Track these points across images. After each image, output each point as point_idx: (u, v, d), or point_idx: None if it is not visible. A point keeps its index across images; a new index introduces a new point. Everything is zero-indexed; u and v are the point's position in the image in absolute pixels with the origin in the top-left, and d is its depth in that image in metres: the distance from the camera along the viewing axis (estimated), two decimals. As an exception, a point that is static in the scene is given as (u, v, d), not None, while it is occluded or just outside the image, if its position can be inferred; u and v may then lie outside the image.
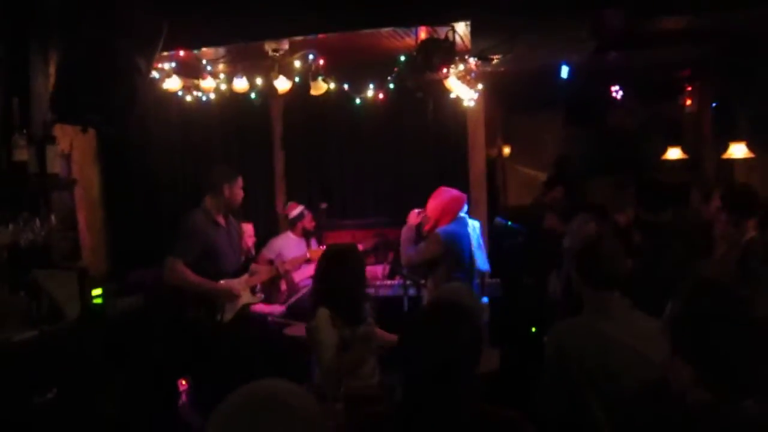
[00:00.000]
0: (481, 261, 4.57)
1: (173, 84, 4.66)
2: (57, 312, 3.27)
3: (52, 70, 3.65)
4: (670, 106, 7.35)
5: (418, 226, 4.65)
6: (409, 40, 4.43)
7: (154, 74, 4.44)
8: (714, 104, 6.61)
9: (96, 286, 3.51)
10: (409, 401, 1.78)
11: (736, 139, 5.63)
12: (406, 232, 4.60)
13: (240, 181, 4.44)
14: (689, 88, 6.87)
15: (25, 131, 3.18)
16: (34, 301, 3.25)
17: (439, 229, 4.46)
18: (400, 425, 1.78)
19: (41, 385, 3.01)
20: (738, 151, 5.61)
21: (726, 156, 5.80)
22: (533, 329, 5.21)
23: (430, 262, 4.42)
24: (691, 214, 5.08)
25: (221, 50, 4.54)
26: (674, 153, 7.00)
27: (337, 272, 3.23)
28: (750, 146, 5.56)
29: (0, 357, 2.91)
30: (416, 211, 4.70)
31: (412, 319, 1.96)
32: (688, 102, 6.93)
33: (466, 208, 4.77)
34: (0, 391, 2.82)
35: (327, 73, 4.67)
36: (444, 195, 4.62)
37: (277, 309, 5.10)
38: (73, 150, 4.24)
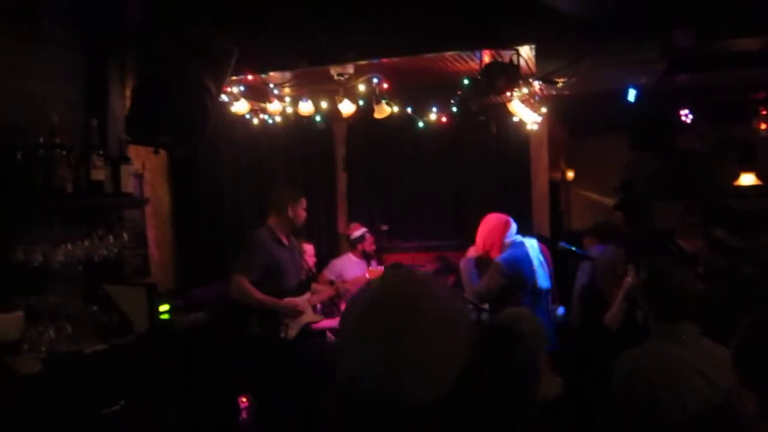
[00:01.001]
0: (542, 279, 4.45)
1: (241, 107, 4.79)
2: (126, 326, 3.36)
3: (128, 91, 3.81)
4: (742, 130, 7.10)
5: (477, 259, 4.58)
6: (473, 64, 4.44)
7: (223, 97, 4.57)
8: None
9: (164, 302, 3.60)
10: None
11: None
12: (465, 266, 4.50)
13: (303, 202, 4.52)
14: (764, 112, 6.63)
15: (101, 151, 3.31)
16: (105, 314, 3.35)
17: (499, 258, 4.34)
18: None
19: (110, 396, 3.09)
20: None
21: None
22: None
23: (499, 293, 4.30)
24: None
25: (288, 74, 4.64)
26: (748, 179, 6.75)
27: None
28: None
29: (72, 368, 3.00)
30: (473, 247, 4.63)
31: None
32: (763, 126, 6.67)
33: (515, 228, 4.65)
34: (71, 401, 2.91)
35: (391, 97, 4.72)
36: (490, 219, 4.54)
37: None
38: (145, 170, 4.39)
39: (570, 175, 8.14)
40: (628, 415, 2.45)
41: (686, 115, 6.37)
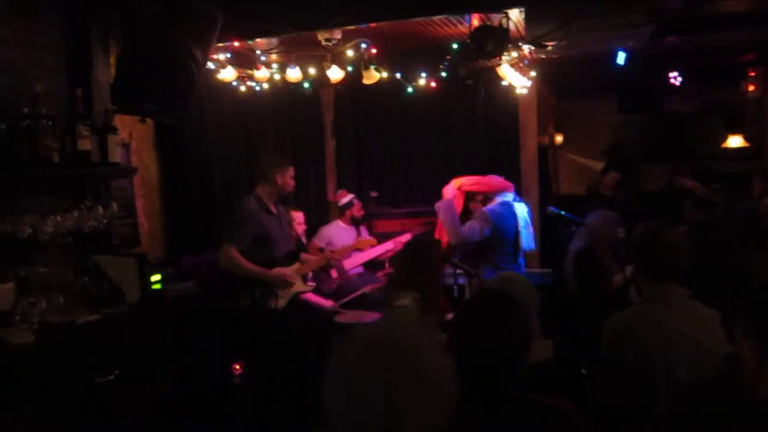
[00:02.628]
0: (527, 240, 4.60)
1: (228, 74, 4.73)
2: (118, 296, 3.37)
3: (112, 60, 3.75)
4: (730, 92, 7.10)
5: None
6: (462, 28, 4.39)
7: (210, 65, 4.51)
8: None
9: (154, 272, 3.60)
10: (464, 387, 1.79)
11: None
12: (447, 210, 4.62)
13: (291, 170, 4.50)
14: (752, 74, 6.62)
15: (87, 121, 3.27)
16: (96, 285, 3.36)
17: (486, 209, 4.54)
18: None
19: (103, 366, 3.11)
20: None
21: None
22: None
23: (479, 244, 4.45)
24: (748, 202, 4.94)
25: (274, 41, 4.58)
26: (735, 141, 6.77)
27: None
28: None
29: (65, 339, 3.01)
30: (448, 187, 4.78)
31: (461, 307, 1.96)
32: (751, 88, 6.67)
33: (512, 195, 4.78)
34: (65, 371, 2.93)
35: (379, 62, 4.67)
36: (490, 177, 4.72)
37: (330, 304, 5.16)
38: (132, 139, 4.34)
39: (558, 139, 8.12)
40: (617, 378, 2.48)
41: (675, 78, 6.36)
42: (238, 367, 4.61)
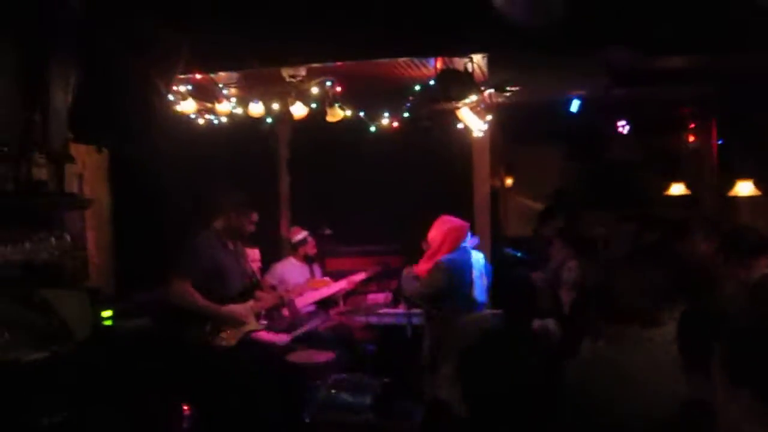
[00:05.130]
0: (479, 292, 4.56)
1: (188, 107, 4.65)
2: (67, 332, 3.22)
3: (71, 88, 3.64)
4: (672, 142, 7.42)
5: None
6: (426, 70, 4.46)
7: (170, 96, 4.43)
8: (720, 141, 6.68)
9: (106, 308, 3.46)
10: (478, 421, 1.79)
11: (742, 176, 5.68)
12: (406, 274, 4.61)
13: (252, 215, 4.43)
14: (692, 125, 6.95)
15: (44, 150, 3.15)
16: (44, 320, 3.19)
17: (442, 258, 4.48)
18: None
19: (50, 407, 2.94)
20: (745, 188, 5.65)
21: (732, 193, 5.84)
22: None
23: (436, 293, 4.41)
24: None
25: (236, 74, 4.54)
26: (677, 189, 7.05)
27: None
28: (757, 184, 5.62)
29: (10, 377, 2.84)
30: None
31: (477, 344, 1.95)
32: (691, 138, 7.00)
33: (469, 237, 4.76)
34: (9, 412, 2.76)
35: (343, 100, 4.68)
36: (446, 224, 4.65)
37: (282, 338, 5.06)
38: (85, 169, 4.20)
39: (508, 182, 8.30)
40: (575, 421, 2.50)
41: (623, 126, 6.61)
42: (186, 408, 4.45)
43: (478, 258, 4.62)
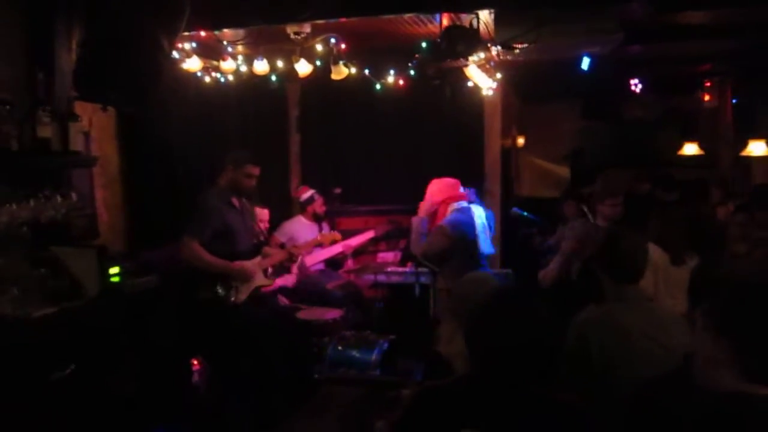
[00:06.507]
0: (485, 245, 4.58)
1: (193, 64, 4.64)
2: (76, 289, 3.27)
3: (75, 45, 3.63)
4: (687, 101, 7.29)
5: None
6: (432, 27, 4.39)
7: (175, 54, 4.41)
8: (734, 101, 6.55)
9: (114, 265, 3.51)
10: (478, 378, 1.81)
11: (756, 136, 5.58)
12: (417, 225, 4.60)
13: (247, 168, 4.42)
14: (708, 84, 6.81)
15: (48, 108, 3.17)
16: (53, 277, 3.25)
17: (445, 221, 4.47)
18: (460, 398, 1.82)
19: (59, 361, 3.01)
20: (757, 148, 5.57)
21: (744, 153, 5.75)
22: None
23: (442, 253, 4.43)
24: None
25: (242, 32, 4.50)
26: (691, 149, 6.96)
27: None
28: (770, 144, 5.53)
29: (20, 333, 2.91)
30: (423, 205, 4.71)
31: (486, 300, 1.96)
32: (707, 97, 6.86)
33: (463, 192, 4.75)
34: (19, 366, 2.83)
35: (349, 58, 4.64)
36: (440, 182, 4.67)
37: (290, 280, 5.16)
38: (92, 127, 4.22)
39: (520, 141, 8.22)
40: (580, 375, 2.53)
41: (636, 85, 6.49)
42: (196, 363, 4.54)
43: (479, 213, 4.64)
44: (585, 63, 4.90)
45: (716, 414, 1.53)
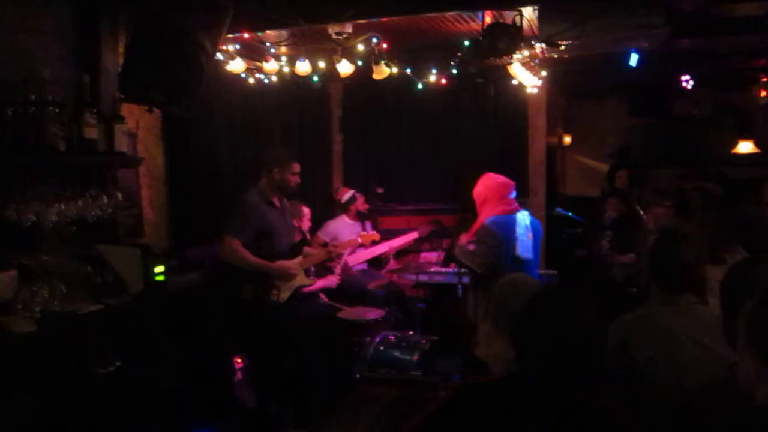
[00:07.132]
0: (522, 247, 4.43)
1: (237, 66, 4.69)
2: (121, 287, 3.34)
3: (121, 47, 3.71)
4: (741, 97, 7.05)
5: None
6: (474, 25, 4.34)
7: (219, 56, 4.47)
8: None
9: (158, 263, 3.56)
10: (523, 378, 1.79)
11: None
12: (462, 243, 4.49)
13: (293, 166, 4.45)
14: (764, 79, 6.57)
15: (94, 109, 3.24)
16: (99, 275, 3.32)
17: (487, 220, 4.32)
18: (501, 398, 1.80)
19: (105, 357, 3.08)
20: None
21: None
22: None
23: (482, 253, 4.31)
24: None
25: (284, 33, 4.53)
26: (746, 147, 6.72)
27: None
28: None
29: (68, 328, 2.98)
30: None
31: (534, 299, 1.93)
32: (763, 93, 6.62)
33: (514, 194, 4.60)
34: (66, 361, 2.90)
35: (390, 57, 4.62)
36: (490, 179, 4.47)
37: (333, 280, 5.17)
38: (138, 129, 4.31)
39: (567, 140, 8.08)
40: (622, 381, 2.46)
41: (687, 81, 6.31)
42: (239, 360, 4.59)
43: (523, 216, 4.50)
44: (633, 59, 4.78)
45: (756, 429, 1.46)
